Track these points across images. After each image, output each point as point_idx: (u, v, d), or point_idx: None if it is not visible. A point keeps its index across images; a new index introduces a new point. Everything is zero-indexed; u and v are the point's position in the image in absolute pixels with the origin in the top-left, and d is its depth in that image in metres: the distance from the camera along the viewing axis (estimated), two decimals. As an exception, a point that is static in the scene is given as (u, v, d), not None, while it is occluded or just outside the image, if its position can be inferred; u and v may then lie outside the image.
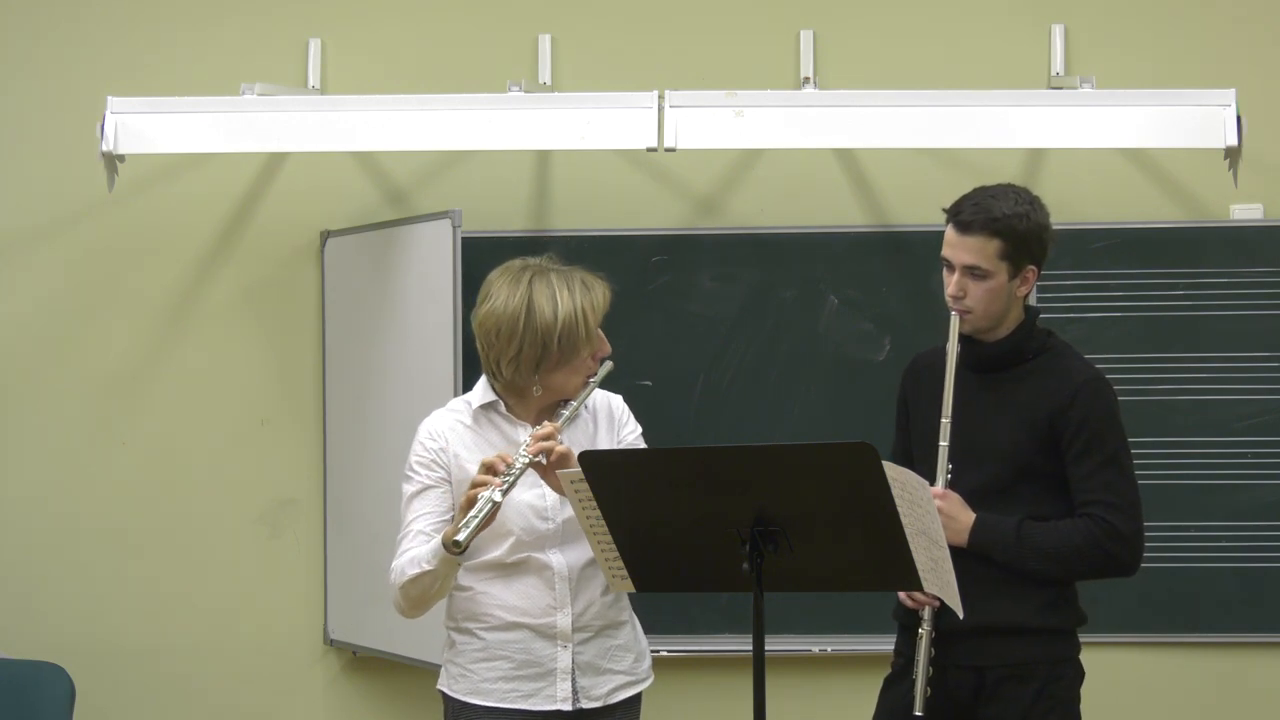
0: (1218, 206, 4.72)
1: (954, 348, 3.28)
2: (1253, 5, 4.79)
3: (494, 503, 3.00)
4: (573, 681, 3.19)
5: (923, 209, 4.70)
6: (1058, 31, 4.73)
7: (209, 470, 4.87)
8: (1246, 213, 4.70)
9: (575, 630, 3.19)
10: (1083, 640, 3.38)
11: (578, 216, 4.78)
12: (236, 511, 4.87)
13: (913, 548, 2.84)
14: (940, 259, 3.31)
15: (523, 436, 3.16)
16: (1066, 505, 3.26)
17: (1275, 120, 4.66)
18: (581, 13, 4.85)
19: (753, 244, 4.74)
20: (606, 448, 3.25)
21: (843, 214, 4.77)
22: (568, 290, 3.18)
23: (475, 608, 3.22)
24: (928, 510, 2.91)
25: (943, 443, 3.25)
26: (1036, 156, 4.73)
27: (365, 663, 4.85)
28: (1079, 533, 3.21)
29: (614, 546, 2.97)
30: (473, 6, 4.87)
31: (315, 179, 4.85)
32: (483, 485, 3.01)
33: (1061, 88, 4.63)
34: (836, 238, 4.73)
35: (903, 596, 3.32)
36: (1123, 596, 4.61)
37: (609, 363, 3.27)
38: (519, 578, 3.20)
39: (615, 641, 3.24)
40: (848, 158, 4.77)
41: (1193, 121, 4.26)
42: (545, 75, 4.76)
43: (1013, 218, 3.21)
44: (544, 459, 3.06)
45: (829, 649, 4.66)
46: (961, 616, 3.03)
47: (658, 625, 3.38)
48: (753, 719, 2.91)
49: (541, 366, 3.19)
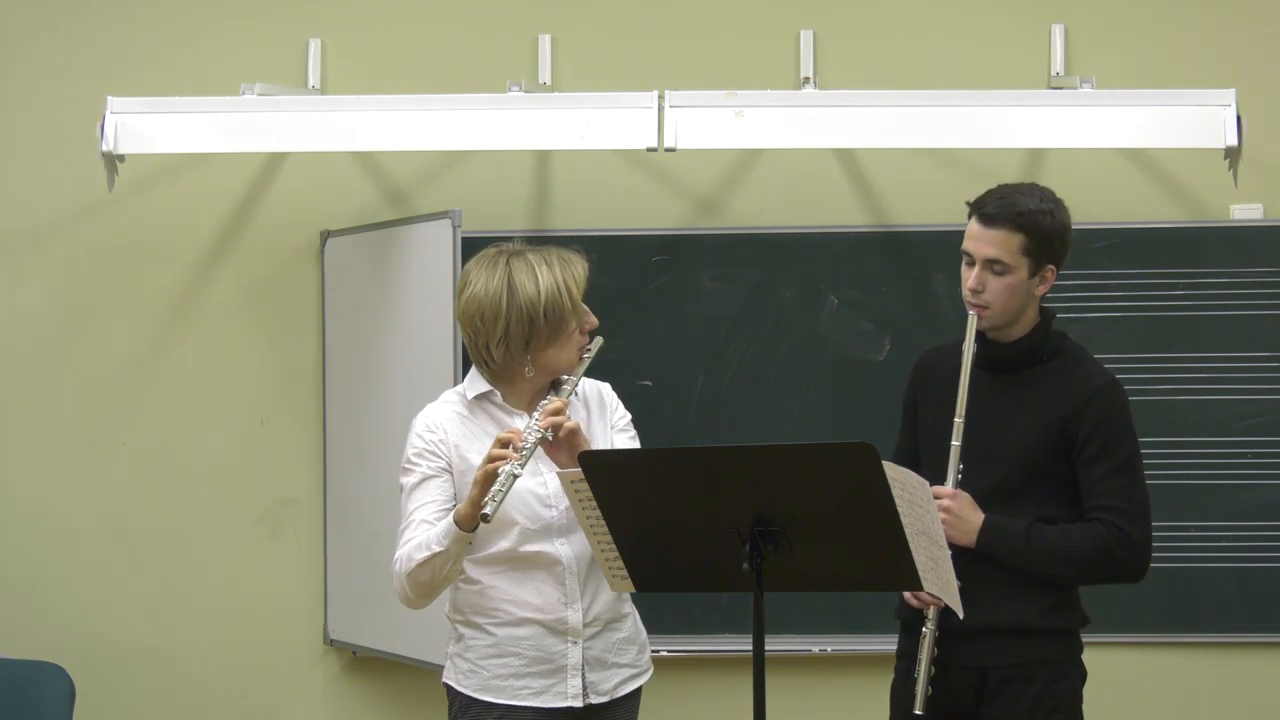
0: (1218, 206, 4.72)
1: (970, 346, 3.27)
2: (1253, 5, 4.79)
3: (514, 476, 2.99)
4: (583, 677, 3.19)
5: (923, 209, 4.72)
6: (1058, 31, 4.73)
7: (209, 470, 4.87)
8: (1246, 213, 4.70)
9: (585, 625, 3.19)
10: (1083, 640, 3.38)
11: (578, 216, 4.78)
12: (236, 511, 4.87)
13: (913, 548, 2.84)
14: (960, 252, 3.29)
15: (519, 425, 3.16)
16: (1076, 508, 3.26)
17: (1275, 120, 4.66)
18: (581, 13, 4.85)
19: (753, 244, 4.74)
20: (599, 436, 3.26)
21: (843, 214, 4.77)
22: (546, 265, 3.20)
23: (485, 602, 3.21)
24: (928, 510, 2.91)
25: (955, 442, 3.24)
26: (1036, 156, 4.73)
27: (365, 663, 4.85)
28: (1089, 538, 3.21)
29: (614, 546, 2.97)
30: (473, 6, 4.87)
31: (315, 179, 4.85)
32: (501, 459, 3.01)
33: (1061, 88, 4.63)
34: (836, 238, 4.73)
35: (908, 595, 3.32)
36: (1123, 596, 4.59)
37: (599, 339, 3.26)
38: (529, 573, 3.19)
39: (620, 634, 3.25)
40: (848, 158, 4.77)
41: (1193, 121, 4.26)
42: (545, 75, 4.76)
43: (1037, 214, 3.21)
44: (551, 435, 3.07)
45: (829, 649, 4.66)
46: (961, 616, 3.03)
47: (658, 625, 3.38)
48: (753, 719, 2.91)
49: (531, 345, 3.19)
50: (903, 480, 2.84)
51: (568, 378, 3.22)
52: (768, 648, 2.91)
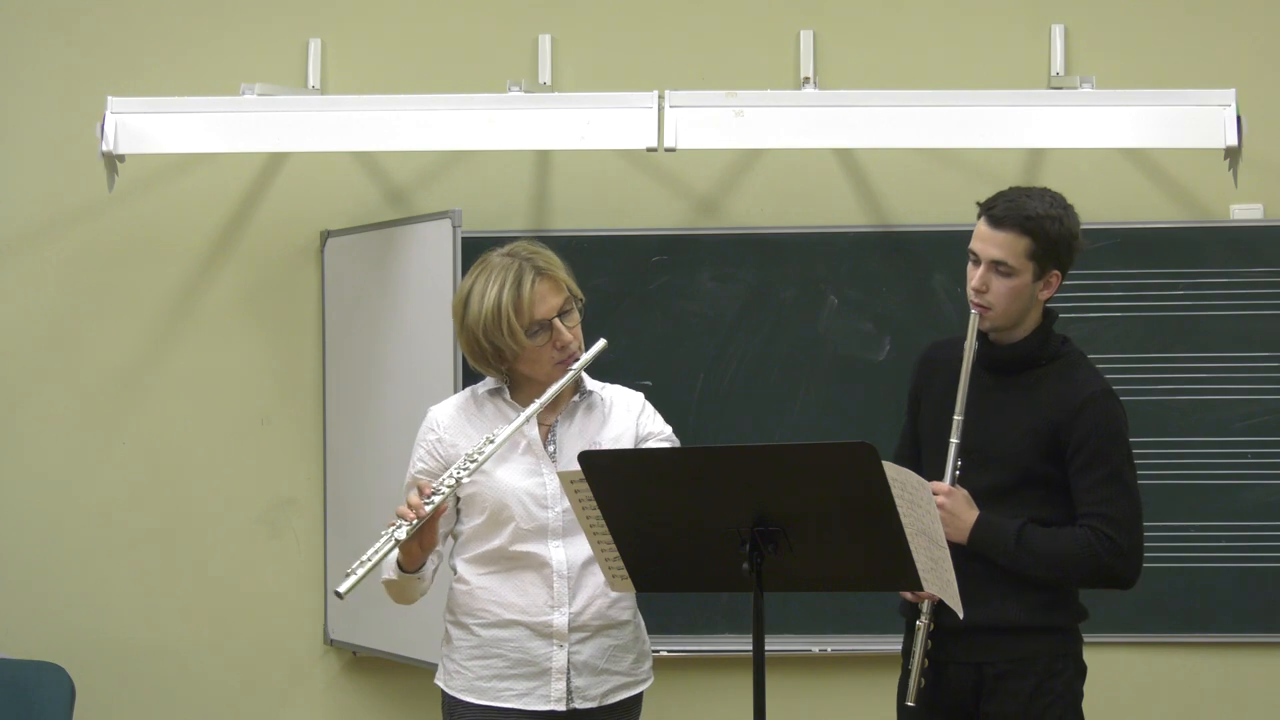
0: (1218, 206, 4.72)
1: (971, 345, 3.29)
2: (1253, 5, 4.79)
3: (396, 540, 2.99)
4: (567, 681, 3.18)
5: (923, 209, 4.71)
6: (1058, 31, 4.73)
7: (209, 470, 4.87)
8: (1246, 213, 4.70)
9: (572, 630, 3.18)
10: (1085, 640, 3.39)
11: (578, 216, 4.78)
12: (236, 511, 4.87)
13: (913, 548, 2.84)
14: (967, 251, 3.31)
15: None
16: (1070, 510, 3.28)
17: (1275, 120, 4.66)
18: (581, 13, 4.85)
19: (753, 244, 4.74)
20: (608, 443, 3.25)
21: (843, 214, 4.77)
22: (497, 287, 3.14)
23: (473, 603, 3.22)
24: (928, 510, 2.91)
25: (953, 440, 3.26)
26: (1036, 156, 4.73)
27: (365, 663, 4.85)
28: (1079, 543, 3.23)
29: (614, 546, 2.97)
30: (473, 6, 4.87)
31: (315, 179, 4.85)
32: (404, 517, 3.02)
33: (1061, 88, 4.63)
34: (836, 238, 4.73)
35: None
36: (1123, 596, 4.58)
37: (601, 343, 3.22)
38: (517, 573, 3.19)
39: (614, 642, 3.23)
40: (848, 158, 4.77)
41: (1193, 121, 4.26)
42: (545, 75, 4.76)
43: (1045, 219, 3.22)
44: (466, 477, 3.07)
45: (829, 649, 4.66)
46: (961, 616, 3.04)
47: (658, 625, 3.38)
48: (753, 719, 2.91)
49: (491, 358, 3.18)
50: (903, 480, 2.84)
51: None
52: (768, 648, 2.91)
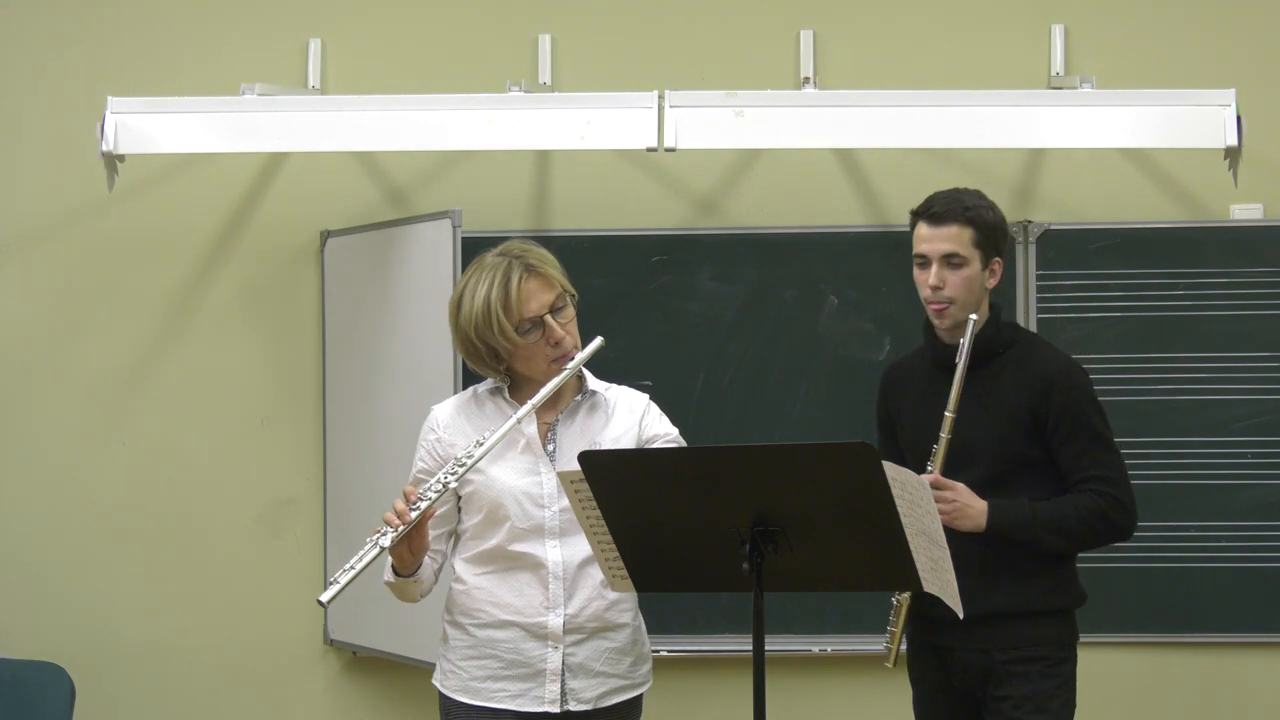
0: (1218, 206, 4.72)
1: (968, 343, 3.34)
2: (1253, 5, 4.79)
3: (380, 548, 3.01)
4: (562, 683, 3.18)
5: (923, 209, 4.71)
6: (1058, 31, 4.73)
7: (209, 470, 4.87)
8: (1246, 213, 4.70)
9: (567, 631, 3.18)
10: (1083, 640, 3.43)
11: (578, 216, 4.78)
12: (236, 511, 4.87)
13: (913, 548, 2.84)
14: (913, 258, 3.45)
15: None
16: (1058, 490, 3.39)
17: (1275, 120, 4.66)
18: (581, 13, 4.85)
19: (753, 244, 4.74)
20: (609, 444, 3.24)
21: (843, 214, 4.77)
22: (486, 286, 3.14)
23: (469, 603, 3.22)
24: (928, 510, 2.92)
25: (944, 434, 3.34)
26: (1036, 156, 4.73)
27: (365, 663, 4.85)
28: (1085, 506, 3.35)
29: (614, 546, 2.97)
30: (473, 6, 4.87)
31: (315, 179, 4.85)
32: (390, 524, 3.03)
33: (1061, 88, 4.63)
34: (836, 238, 4.73)
35: None
36: (1122, 596, 4.62)
37: (598, 340, 3.21)
38: (513, 574, 3.19)
39: (611, 644, 3.22)
40: (848, 158, 4.77)
41: (1193, 121, 4.26)
42: (545, 75, 4.76)
43: (980, 208, 3.42)
44: (454, 482, 3.08)
45: (829, 649, 4.66)
46: (961, 616, 3.04)
47: (658, 625, 3.37)
48: (752, 719, 2.91)
49: (485, 357, 3.18)
50: (903, 480, 2.85)
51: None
52: (768, 648, 2.91)
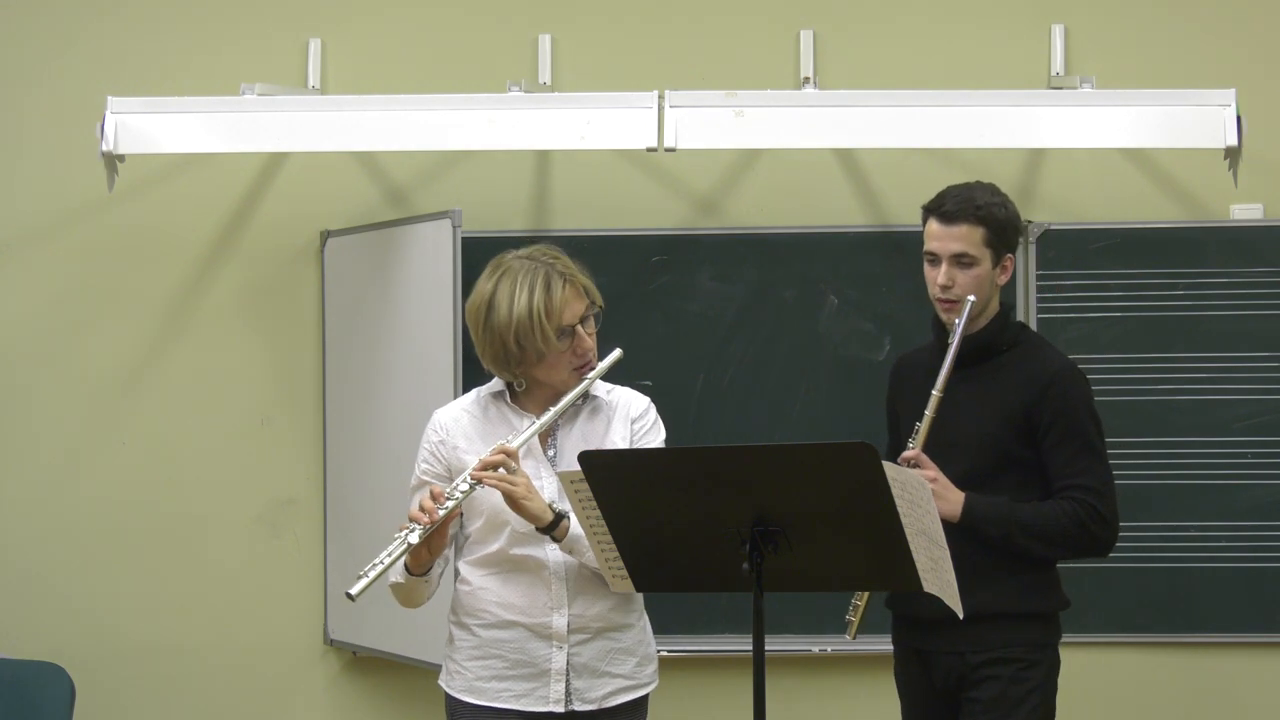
0: (1218, 206, 4.72)
1: (961, 324, 3.32)
2: (1253, 5, 4.79)
3: (409, 545, 3.00)
4: (566, 683, 3.18)
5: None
6: (1058, 31, 4.73)
7: (209, 470, 4.87)
8: (1246, 213, 4.70)
9: (572, 632, 3.18)
10: (1080, 640, 3.43)
11: (578, 216, 4.78)
12: (236, 511, 4.87)
13: (913, 548, 2.84)
14: (923, 255, 3.41)
15: (524, 426, 3.15)
16: (1044, 492, 3.36)
17: (1275, 120, 4.66)
18: (581, 13, 4.85)
19: (753, 244, 4.74)
20: (613, 446, 3.23)
21: (843, 214, 4.77)
22: (527, 290, 3.11)
23: (474, 603, 3.22)
24: (928, 510, 2.92)
25: (928, 413, 3.32)
26: (1036, 156, 4.73)
27: (365, 663, 4.85)
28: (1064, 513, 3.31)
29: (614, 546, 2.97)
30: (473, 6, 4.87)
31: (315, 179, 4.85)
32: (418, 520, 3.02)
33: (1061, 88, 4.63)
34: (836, 238, 4.73)
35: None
36: (1121, 596, 4.62)
37: (617, 352, 3.21)
38: (517, 575, 3.19)
39: (617, 645, 3.22)
40: (848, 158, 4.77)
41: (1193, 121, 4.26)
42: (545, 75, 4.76)
43: (992, 206, 3.36)
44: (481, 487, 3.06)
45: (829, 649, 4.66)
46: (961, 616, 3.04)
47: (658, 625, 3.37)
48: (752, 719, 2.91)
49: (513, 363, 3.16)
50: (903, 480, 2.84)
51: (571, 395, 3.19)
52: (768, 648, 2.91)
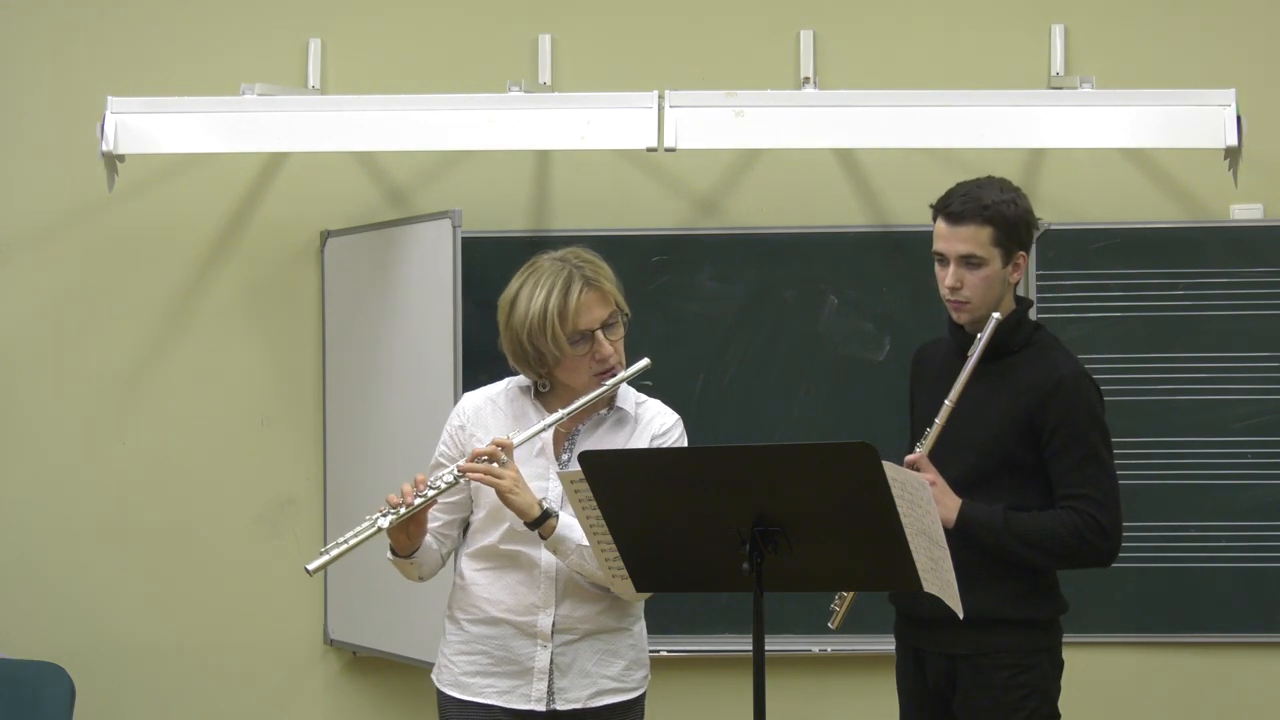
0: (1218, 206, 4.72)
1: (984, 341, 3.30)
2: (1253, 5, 4.79)
3: (378, 529, 3.02)
4: (549, 682, 3.18)
5: (923, 209, 4.64)
6: (1058, 31, 4.73)
7: (209, 470, 4.87)
8: (1246, 213, 4.70)
9: (556, 631, 3.18)
10: (1081, 640, 3.42)
11: (578, 216, 4.78)
12: (236, 511, 4.87)
13: (913, 548, 2.84)
14: (932, 255, 3.37)
15: (538, 422, 3.16)
16: (1045, 497, 3.32)
17: (1275, 120, 4.66)
18: (581, 13, 4.85)
19: (753, 244, 4.74)
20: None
21: (843, 214, 4.77)
22: (545, 291, 3.12)
23: (465, 598, 3.24)
24: (928, 510, 2.92)
25: (937, 420, 3.30)
26: (1036, 156, 4.73)
27: (365, 663, 4.85)
28: (1062, 523, 3.27)
29: (614, 546, 2.97)
30: (473, 6, 4.87)
31: (315, 179, 4.85)
32: (397, 503, 3.05)
33: (1061, 88, 4.63)
34: (836, 238, 4.73)
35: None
36: (1121, 596, 4.62)
37: (644, 361, 3.21)
38: (508, 572, 3.20)
39: (604, 646, 3.22)
40: (848, 158, 4.77)
41: (1193, 121, 4.26)
42: (545, 75, 4.76)
43: (1001, 204, 3.30)
44: (465, 479, 3.07)
45: (829, 649, 4.66)
46: (961, 617, 3.04)
47: (658, 625, 3.37)
48: (752, 719, 2.91)
49: (532, 361, 3.17)
50: (903, 480, 2.84)
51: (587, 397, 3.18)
52: (768, 648, 2.91)
